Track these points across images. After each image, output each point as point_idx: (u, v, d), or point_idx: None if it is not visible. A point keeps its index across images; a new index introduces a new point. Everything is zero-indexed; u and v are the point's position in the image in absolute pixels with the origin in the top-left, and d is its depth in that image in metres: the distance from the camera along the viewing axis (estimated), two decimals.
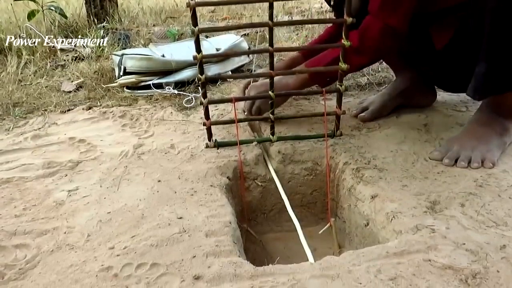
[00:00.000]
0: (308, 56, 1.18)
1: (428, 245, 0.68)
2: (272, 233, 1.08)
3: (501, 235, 0.70)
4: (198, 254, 0.70)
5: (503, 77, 0.89)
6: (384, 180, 0.89)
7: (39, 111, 1.38)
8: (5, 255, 0.73)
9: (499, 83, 0.90)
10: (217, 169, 0.98)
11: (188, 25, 2.50)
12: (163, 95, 1.43)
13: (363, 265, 0.66)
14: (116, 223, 0.80)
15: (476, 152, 0.92)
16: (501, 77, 0.89)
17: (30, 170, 1.00)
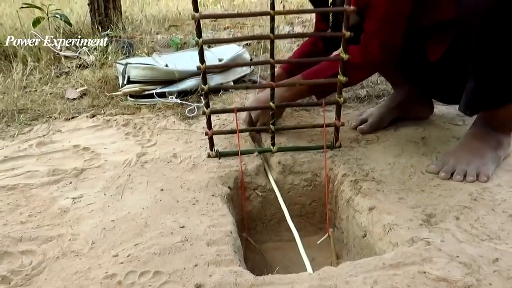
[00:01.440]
0: (291, 73, 1.21)
1: (423, 258, 0.70)
2: (271, 242, 1.10)
3: (494, 249, 0.72)
4: (200, 263, 0.72)
5: (491, 94, 0.93)
6: (381, 193, 0.91)
7: (44, 118, 1.40)
8: (11, 261, 0.75)
9: (488, 99, 0.94)
10: (219, 178, 1.00)
11: (191, 34, 2.54)
12: (166, 104, 1.46)
13: (360, 276, 0.68)
14: (120, 231, 0.82)
15: (471, 166, 0.95)
16: (489, 94, 0.93)
17: (35, 177, 1.02)
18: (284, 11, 1.62)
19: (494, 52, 0.88)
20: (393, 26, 1.00)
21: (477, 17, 0.85)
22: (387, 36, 1.01)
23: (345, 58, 0.97)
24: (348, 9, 0.91)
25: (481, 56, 0.90)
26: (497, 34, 0.85)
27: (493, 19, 0.84)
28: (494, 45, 0.87)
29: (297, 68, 1.24)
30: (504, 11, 0.82)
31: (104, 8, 2.27)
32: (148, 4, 3.81)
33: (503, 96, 0.92)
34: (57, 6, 2.86)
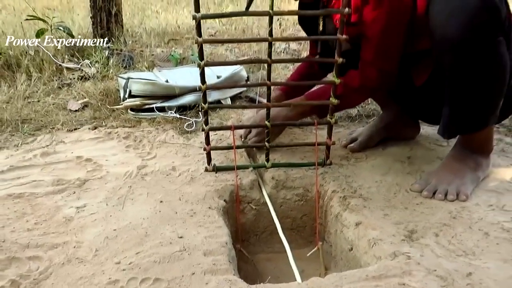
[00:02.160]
0: (289, 93, 1.28)
1: (403, 271, 0.76)
2: (264, 253, 1.15)
3: (469, 264, 0.78)
4: (197, 271, 0.77)
5: (465, 120, 1.01)
6: (367, 209, 0.98)
7: (47, 128, 1.45)
8: (19, 266, 0.80)
9: (462, 125, 1.02)
10: (215, 192, 1.06)
11: (190, 48, 2.61)
12: (166, 118, 1.52)
13: (345, 287, 0.74)
14: (121, 240, 0.87)
15: (451, 185, 1.01)
16: (462, 120, 1.01)
17: (40, 187, 1.07)
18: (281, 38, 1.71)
19: (465, 83, 0.96)
20: (387, 56, 1.07)
21: (448, 50, 0.93)
22: (383, 64, 1.07)
23: (337, 82, 1.04)
24: (341, 38, 0.98)
25: (453, 85, 0.98)
26: (466, 66, 0.93)
27: (462, 53, 0.92)
28: (465, 76, 0.95)
29: (294, 89, 1.31)
30: (472, 45, 0.90)
31: (106, 22, 2.33)
32: (148, 17, 3.89)
33: (476, 122, 1.01)
34: (58, 16, 2.93)
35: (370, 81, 1.10)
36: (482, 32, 0.89)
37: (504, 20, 0.91)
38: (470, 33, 0.89)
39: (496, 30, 0.90)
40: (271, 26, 0.93)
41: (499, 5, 0.88)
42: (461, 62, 0.93)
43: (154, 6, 4.61)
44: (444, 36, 0.92)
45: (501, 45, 0.92)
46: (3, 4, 4.87)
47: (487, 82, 0.95)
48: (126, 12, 3.85)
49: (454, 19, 0.89)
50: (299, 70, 1.39)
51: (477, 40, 0.89)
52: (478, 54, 0.91)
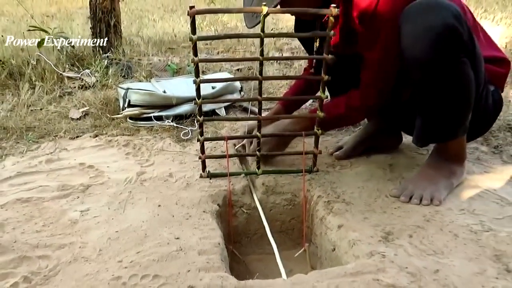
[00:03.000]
0: (288, 107, 1.37)
1: (378, 268, 0.85)
2: (255, 254, 1.23)
3: (437, 262, 0.87)
4: (192, 269, 0.86)
5: (433, 131, 1.11)
6: (349, 213, 1.06)
7: (50, 136, 1.53)
8: (30, 264, 0.88)
9: (431, 135, 1.12)
10: (209, 197, 1.14)
11: (186, 57, 2.70)
12: (163, 127, 1.60)
13: (325, 282, 0.82)
14: (123, 241, 0.95)
15: (426, 191, 1.10)
16: (432, 130, 1.11)
17: (46, 191, 1.15)
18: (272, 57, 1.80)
19: (432, 98, 1.06)
20: (386, 77, 1.15)
21: (417, 68, 1.03)
22: (382, 85, 1.15)
23: (323, 97, 1.12)
24: (327, 58, 1.07)
25: (423, 100, 1.08)
26: (433, 83, 1.03)
27: (429, 71, 1.01)
28: (432, 92, 1.05)
29: (295, 102, 1.42)
30: (437, 64, 1.00)
31: (105, 33, 2.42)
32: (145, 25, 3.98)
33: (444, 133, 1.11)
34: (58, 26, 3.01)
35: (370, 100, 1.17)
36: (445, 53, 0.98)
37: (467, 42, 1.01)
38: (434, 53, 0.98)
39: (459, 51, 1.00)
40: (262, 47, 1.01)
41: (460, 28, 0.98)
42: (428, 79, 1.03)
43: (151, 15, 4.71)
44: (413, 55, 1.01)
45: (464, 65, 1.02)
46: (1, 10, 4.95)
47: (451, 98, 1.04)
48: (124, 20, 3.94)
49: (420, 41, 0.99)
50: (297, 83, 1.46)
51: (441, 60, 0.99)
52: (443, 72, 1.01)
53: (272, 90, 2.01)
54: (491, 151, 1.39)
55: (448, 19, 0.97)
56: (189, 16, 0.95)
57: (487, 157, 1.36)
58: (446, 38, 0.97)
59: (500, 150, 1.40)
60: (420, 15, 0.99)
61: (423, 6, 1.00)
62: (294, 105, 1.39)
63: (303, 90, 1.40)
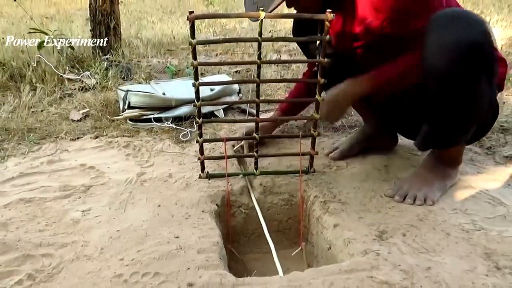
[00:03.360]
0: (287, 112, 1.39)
1: (372, 265, 0.88)
2: (252, 254, 1.25)
3: (429, 259, 0.90)
4: (192, 267, 0.88)
5: (438, 139, 1.13)
6: (345, 212, 1.09)
7: (51, 137, 1.55)
8: (33, 262, 0.90)
9: (436, 142, 1.14)
10: (208, 197, 1.17)
11: (185, 59, 2.72)
12: (162, 128, 1.63)
13: (320, 279, 0.85)
14: (124, 240, 0.97)
15: (420, 192, 1.13)
16: (437, 138, 1.13)
17: (48, 192, 1.17)
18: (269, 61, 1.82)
19: (444, 108, 1.05)
20: None
21: (434, 78, 1.02)
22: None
23: (319, 100, 1.15)
24: (323, 61, 1.09)
25: (434, 108, 1.07)
26: (448, 95, 1.02)
27: (446, 84, 1.01)
28: (445, 103, 1.04)
29: (295, 107, 1.43)
30: (456, 79, 0.99)
31: (105, 35, 2.44)
32: (144, 27, 4.00)
33: (448, 141, 1.13)
34: (58, 28, 3.03)
35: None
36: (467, 69, 0.97)
37: (489, 61, 0.99)
38: (456, 68, 0.97)
39: (480, 70, 0.98)
40: (259, 51, 1.04)
41: (487, 47, 0.97)
42: (444, 91, 1.02)
43: (150, 16, 4.73)
44: (434, 65, 0.99)
45: (482, 83, 1.00)
46: (1, 12, 4.97)
47: (462, 110, 1.04)
48: (122, 22, 3.96)
49: (444, 53, 0.96)
50: (296, 88, 1.47)
51: (461, 75, 0.98)
52: (460, 87, 1.00)
53: (270, 92, 2.04)
54: (484, 152, 1.42)
55: (476, 35, 0.95)
56: (189, 21, 0.98)
57: (480, 158, 1.39)
58: (471, 55, 0.95)
59: (493, 151, 1.43)
60: (448, 26, 0.97)
61: (453, 16, 0.98)
62: (293, 110, 1.41)
63: (302, 95, 1.43)
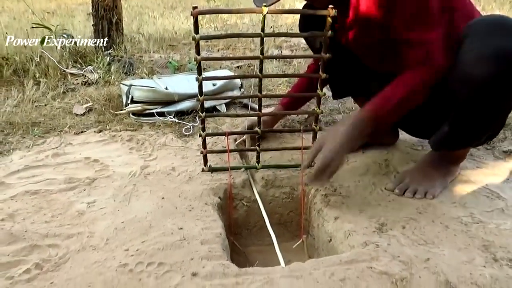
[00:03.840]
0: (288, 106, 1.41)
1: (371, 257, 0.89)
2: (254, 246, 1.27)
3: (428, 251, 0.92)
4: (195, 257, 0.90)
5: (455, 142, 1.13)
6: (345, 205, 1.11)
7: (55, 131, 1.57)
8: (40, 252, 0.92)
9: (452, 144, 1.14)
10: (211, 190, 1.18)
11: (187, 55, 2.73)
12: (165, 122, 1.64)
13: (321, 270, 0.86)
14: (129, 231, 0.99)
15: (421, 186, 1.15)
16: (454, 141, 1.12)
17: (54, 184, 1.19)
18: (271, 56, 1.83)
19: (471, 116, 1.04)
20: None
21: (468, 87, 0.98)
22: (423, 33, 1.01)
23: (321, 94, 1.17)
24: (325, 56, 1.11)
25: (461, 113, 1.05)
26: (479, 104, 1.00)
27: (481, 94, 0.98)
28: (473, 111, 1.02)
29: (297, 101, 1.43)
30: (492, 90, 0.95)
31: (107, 30, 2.45)
32: (145, 22, 4.01)
33: (463, 144, 1.14)
34: (60, 23, 3.05)
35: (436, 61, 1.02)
36: (506, 80, 0.94)
37: None
38: (495, 79, 0.93)
39: None
40: (262, 46, 1.06)
41: None
42: (476, 100, 0.99)
43: (151, 12, 4.74)
44: (469, 74, 0.95)
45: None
46: (1, 6, 4.98)
47: (490, 119, 1.05)
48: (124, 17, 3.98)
49: (485, 63, 0.93)
50: (299, 82, 1.46)
51: (498, 86, 0.95)
52: (493, 96, 0.98)
53: (271, 87, 2.05)
54: (483, 147, 1.44)
55: None
56: (193, 16, 0.99)
57: (480, 153, 1.40)
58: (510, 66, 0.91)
59: (492, 146, 1.44)
60: (490, 33, 0.93)
61: (495, 24, 0.94)
62: (295, 104, 1.42)
63: (305, 89, 1.42)
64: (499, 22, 0.94)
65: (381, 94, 1.05)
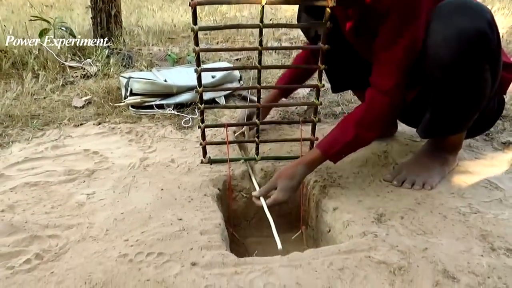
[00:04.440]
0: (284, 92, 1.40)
1: (370, 246, 0.90)
2: (253, 237, 1.28)
3: (426, 241, 0.92)
4: (195, 247, 0.90)
5: (441, 127, 1.13)
6: (344, 196, 1.11)
7: (55, 124, 1.57)
8: (41, 243, 0.93)
9: (438, 130, 1.14)
10: (210, 181, 1.19)
11: (186, 48, 2.72)
12: (164, 115, 1.64)
13: (320, 259, 0.87)
14: (128, 222, 1.00)
15: (419, 177, 1.15)
16: (439, 126, 1.13)
17: (53, 176, 1.19)
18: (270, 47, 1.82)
19: (447, 97, 1.06)
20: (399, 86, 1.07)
21: (438, 68, 1.00)
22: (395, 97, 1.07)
23: (320, 86, 1.17)
24: (323, 47, 1.11)
25: (437, 97, 1.07)
26: (451, 84, 1.02)
27: (450, 73, 1.00)
28: (448, 92, 1.04)
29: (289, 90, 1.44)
30: (460, 68, 0.98)
31: (106, 22, 2.44)
32: (144, 15, 3.99)
33: (450, 129, 1.14)
34: (58, 15, 3.03)
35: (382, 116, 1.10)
36: (471, 59, 0.96)
37: (494, 50, 0.99)
38: (460, 58, 0.96)
39: (484, 59, 0.98)
40: (261, 37, 1.05)
41: (491, 36, 0.95)
42: (448, 80, 1.02)
43: (150, 5, 4.72)
44: (437, 55, 0.98)
45: (485, 72, 1.01)
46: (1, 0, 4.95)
47: (465, 99, 1.05)
48: (123, 10, 3.96)
49: (449, 43, 0.95)
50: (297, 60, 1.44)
51: (465, 65, 0.97)
52: (463, 76, 1.00)
53: (270, 80, 2.05)
54: (482, 138, 1.44)
55: (481, 24, 0.94)
56: (191, 7, 0.99)
57: (479, 144, 1.41)
58: (476, 44, 0.94)
59: (491, 138, 1.45)
60: (453, 15, 0.96)
61: (458, 6, 0.97)
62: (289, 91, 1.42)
63: (298, 74, 1.41)
64: (462, 3, 0.97)
65: (333, 131, 1.13)
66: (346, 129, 1.10)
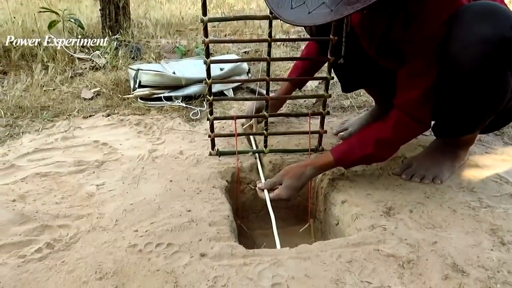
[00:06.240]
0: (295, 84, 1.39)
1: (378, 239, 0.90)
2: (261, 230, 1.28)
3: (435, 234, 0.92)
4: (203, 238, 0.91)
5: (456, 128, 1.12)
6: (353, 189, 1.11)
7: (64, 115, 1.58)
8: (51, 233, 0.94)
9: (453, 131, 1.14)
10: (218, 173, 1.19)
11: (194, 40, 2.72)
12: (173, 107, 1.65)
13: (328, 252, 0.87)
14: (138, 212, 1.00)
15: (429, 172, 1.14)
16: (455, 127, 1.12)
17: (63, 167, 1.20)
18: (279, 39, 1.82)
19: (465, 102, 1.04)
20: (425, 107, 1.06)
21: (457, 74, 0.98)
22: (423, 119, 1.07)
23: (329, 78, 1.16)
24: (333, 39, 1.10)
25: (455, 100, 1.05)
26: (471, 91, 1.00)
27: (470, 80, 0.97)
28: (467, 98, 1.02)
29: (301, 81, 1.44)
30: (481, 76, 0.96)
31: (114, 14, 2.44)
32: (152, 7, 3.99)
33: (466, 130, 1.13)
34: (66, 7, 3.04)
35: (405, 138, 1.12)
36: (494, 67, 0.94)
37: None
38: (483, 66, 0.93)
39: (506, 66, 0.95)
40: (270, 28, 1.05)
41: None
42: (467, 86, 1.00)
43: None
44: (459, 63, 0.95)
45: (507, 78, 0.98)
46: None
47: (484, 103, 1.03)
48: (131, 3, 3.95)
49: (471, 51, 0.92)
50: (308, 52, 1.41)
51: (488, 72, 0.95)
52: (484, 83, 0.98)
53: (279, 73, 2.04)
54: (493, 133, 1.43)
55: (506, 31, 0.89)
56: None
57: (489, 138, 1.39)
58: (499, 52, 0.91)
59: (501, 132, 1.43)
60: (475, 21, 0.92)
61: (480, 12, 0.92)
62: (301, 81, 1.41)
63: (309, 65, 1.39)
64: (483, 9, 0.93)
65: (350, 141, 1.12)
66: (365, 143, 1.08)
